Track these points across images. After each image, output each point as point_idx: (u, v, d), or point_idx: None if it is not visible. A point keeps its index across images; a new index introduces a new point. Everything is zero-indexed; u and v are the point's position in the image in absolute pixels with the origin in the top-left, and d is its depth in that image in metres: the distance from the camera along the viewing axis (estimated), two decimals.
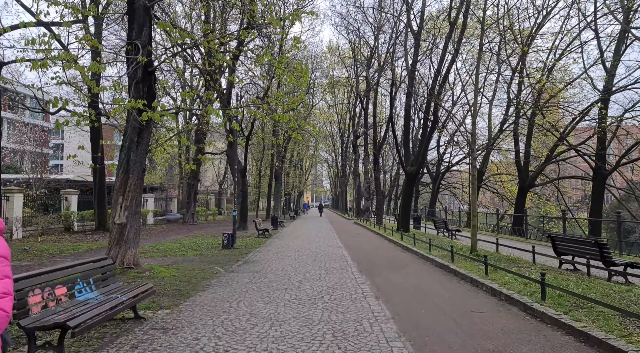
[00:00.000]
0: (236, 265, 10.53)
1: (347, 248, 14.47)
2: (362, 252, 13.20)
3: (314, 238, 18.48)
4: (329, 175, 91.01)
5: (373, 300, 6.65)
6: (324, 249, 13.99)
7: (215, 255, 12.63)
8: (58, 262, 10.70)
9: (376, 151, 26.24)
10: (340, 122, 53.32)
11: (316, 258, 11.75)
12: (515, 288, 6.73)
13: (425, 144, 17.43)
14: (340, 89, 53.67)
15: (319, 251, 13.25)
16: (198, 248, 14.20)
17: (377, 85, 25.75)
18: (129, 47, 8.43)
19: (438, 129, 21.58)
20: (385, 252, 13.25)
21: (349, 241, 16.91)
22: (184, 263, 10.83)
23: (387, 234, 18.44)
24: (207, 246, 14.93)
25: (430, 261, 10.67)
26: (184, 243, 15.92)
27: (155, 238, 18.99)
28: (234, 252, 13.25)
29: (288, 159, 48.01)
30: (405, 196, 18.56)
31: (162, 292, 7.15)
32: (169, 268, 9.51)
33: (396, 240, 15.84)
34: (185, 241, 16.94)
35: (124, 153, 8.96)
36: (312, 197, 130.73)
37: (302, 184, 62.54)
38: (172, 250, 13.80)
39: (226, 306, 6.29)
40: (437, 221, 18.11)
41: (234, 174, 23.84)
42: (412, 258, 11.76)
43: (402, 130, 20.85)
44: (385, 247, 14.76)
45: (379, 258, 11.82)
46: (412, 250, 12.77)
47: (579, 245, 8.76)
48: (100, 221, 22.34)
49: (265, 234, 19.02)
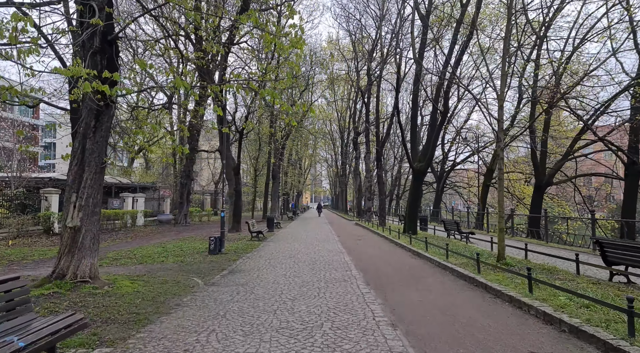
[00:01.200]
0: (219, 275, 8.88)
1: (350, 253, 12.83)
2: (368, 258, 11.55)
3: (312, 241, 16.83)
4: (328, 175, 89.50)
5: (389, 331, 5.00)
6: (324, 254, 12.34)
7: (199, 262, 10.98)
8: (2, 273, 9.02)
9: (379, 147, 24.57)
10: (339, 119, 51.69)
11: (314, 266, 10.10)
12: (578, 314, 5.08)
13: (435, 138, 15.78)
14: (339, 85, 52.09)
15: (318, 257, 11.60)
16: (181, 254, 12.55)
17: (379, 78, 24.09)
18: (80, 7, 6.77)
19: (445, 125, 19.92)
20: (393, 258, 11.60)
21: (352, 245, 15.27)
22: (159, 272, 9.17)
23: (393, 236, 16.80)
24: (192, 251, 13.29)
25: (449, 270, 9.02)
26: (168, 248, 14.26)
27: (139, 241, 17.33)
28: (220, 258, 11.60)
29: (286, 158, 46.40)
30: (412, 195, 16.92)
31: (113, 317, 5.49)
32: (136, 281, 7.85)
33: (404, 243, 14.20)
34: (170, 245, 15.28)
35: (77, 141, 7.30)
36: (312, 197, 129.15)
37: (301, 183, 60.87)
38: (151, 255, 12.14)
39: (191, 341, 4.64)
40: (447, 223, 16.49)
41: (227, 172, 22.21)
42: (426, 266, 10.10)
43: (409, 122, 19.14)
44: (392, 252, 13.11)
45: (387, 266, 10.17)
46: (425, 256, 11.13)
47: (636, 253, 7.12)
48: None
49: (259, 237, 17.38)
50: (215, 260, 11.23)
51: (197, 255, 12.46)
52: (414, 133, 17.63)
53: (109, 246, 15.30)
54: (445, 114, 15.50)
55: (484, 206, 23.70)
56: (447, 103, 15.42)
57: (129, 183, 33.67)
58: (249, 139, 41.26)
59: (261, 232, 17.19)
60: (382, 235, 18.61)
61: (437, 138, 16.09)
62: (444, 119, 15.63)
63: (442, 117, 15.37)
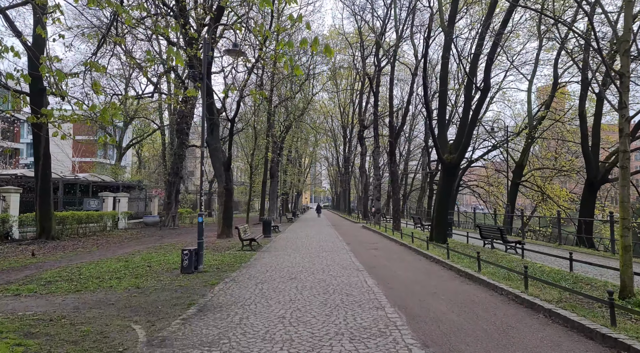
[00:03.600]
0: (180, 319, 5.65)
1: (371, 271, 9.62)
2: (400, 283, 8.32)
3: (317, 251, 13.62)
4: (328, 174, 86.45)
5: None
6: (336, 274, 9.13)
7: (162, 288, 7.76)
8: None
9: (392, 139, 21.23)
10: (342, 114, 48.48)
11: (327, 298, 6.89)
12: None
13: (471, 122, 12.55)
14: (342, 79, 48.92)
15: (330, 281, 8.39)
16: (143, 273, 9.33)
17: (394, 54, 20.74)
18: None
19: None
20: (436, 283, 8.37)
21: (368, 258, 12.05)
22: (90, 312, 5.97)
23: (418, 245, 13.58)
24: (162, 267, 10.09)
25: (544, 313, 5.66)
26: (133, 261, 11.06)
27: (105, 251, 14.11)
28: (194, 281, 8.39)
29: (285, 155, 43.21)
30: (441, 195, 13.65)
31: None
32: (28, 341, 4.63)
33: (439, 257, 10.98)
34: (138, 257, 12.07)
35: None
36: (311, 197, 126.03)
37: (301, 183, 57.65)
38: (101, 276, 8.93)
39: None
40: (484, 229, 13.30)
41: (215, 167, 19.01)
42: (496, 300, 6.80)
43: (437, 103, 15.87)
44: (428, 271, 9.88)
45: (436, 299, 6.93)
46: (481, 280, 7.90)
47: None
48: (43, 227, 17.44)
49: (253, 245, 14.16)
50: (185, 285, 8.01)
51: (165, 274, 9.25)
52: (442, 118, 14.35)
53: (59, 259, 12.08)
54: (485, 92, 12.29)
55: (513, 207, 20.51)
56: (489, 77, 12.21)
57: (111, 181, 30.41)
58: (246, 135, 38.06)
59: (254, 240, 13.97)
60: (401, 243, 15.39)
61: (474, 122, 12.84)
62: (484, 97, 12.41)
63: (482, 95, 12.17)
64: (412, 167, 50.29)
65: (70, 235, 19.77)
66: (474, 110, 12.51)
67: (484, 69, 12.16)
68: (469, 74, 12.24)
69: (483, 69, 13.77)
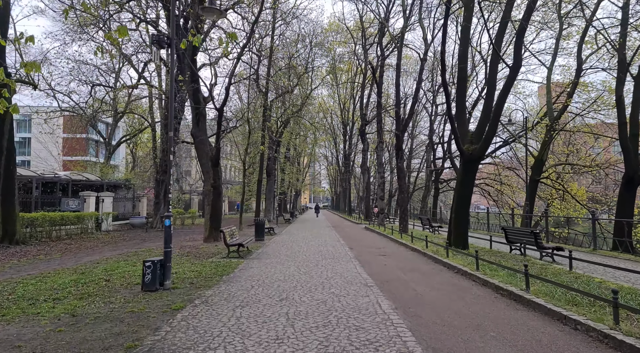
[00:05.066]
0: None
1: (384, 288, 7.61)
2: (428, 309, 6.29)
3: (316, 257, 11.61)
4: (328, 174, 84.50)
5: None
6: (340, 291, 7.12)
7: (107, 314, 5.75)
8: None
9: (399, 131, 19.18)
10: (342, 110, 46.46)
11: (328, 334, 4.88)
12: None
13: (498, 106, 10.47)
14: (342, 75, 46.92)
15: (332, 303, 6.37)
16: (95, 290, 7.33)
17: (402, 37, 18.66)
18: None
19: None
20: (480, 310, 6.33)
21: (378, 267, 10.04)
22: None
23: (434, 252, 11.56)
24: (123, 282, 8.10)
25: None
26: (92, 273, 9.06)
27: (69, 258, 12.09)
28: (154, 304, 6.37)
29: (283, 153, 41.19)
30: (461, 192, 11.56)
31: None
32: None
33: (462, 266, 8.98)
34: (100, 267, 10.04)
35: None
36: (310, 197, 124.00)
37: (300, 182, 55.60)
38: (38, 294, 6.96)
39: None
40: (510, 232, 11.28)
41: (202, 163, 17.00)
42: (578, 341, 4.74)
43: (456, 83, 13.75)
44: (459, 288, 7.86)
45: (491, 340, 4.89)
46: (538, 304, 5.88)
47: None
48: (5, 230, 15.40)
49: (240, 251, 12.14)
50: (139, 311, 5.99)
51: (122, 291, 7.23)
52: (461, 101, 12.18)
53: (6, 270, 10.05)
54: (516, 71, 10.27)
55: (532, 206, 18.52)
56: (520, 52, 10.16)
57: (96, 180, 28.33)
58: (242, 132, 35.98)
59: (242, 245, 11.93)
60: (412, 248, 13.38)
61: (501, 105, 10.75)
62: (514, 76, 10.37)
63: (511, 73, 10.15)
64: (414, 165, 48.37)
65: (41, 239, 17.74)
66: (502, 90, 10.47)
67: (515, 43, 10.15)
68: (495, 45, 10.19)
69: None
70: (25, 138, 57.67)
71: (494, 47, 10.28)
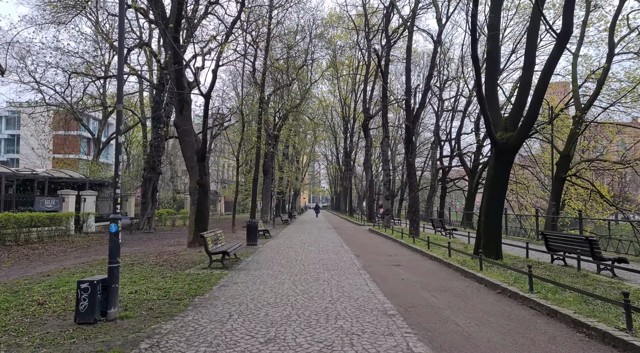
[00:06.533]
0: None
1: (411, 319, 5.58)
2: None
3: (316, 269, 9.56)
4: (327, 173, 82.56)
5: None
6: (351, 326, 5.08)
7: None
8: None
9: (409, 122, 17.06)
10: (343, 106, 44.46)
11: None
12: None
13: (542, 80, 8.37)
14: (343, 69, 44.92)
15: (341, 348, 4.32)
16: (16, 322, 5.28)
17: (413, 16, 16.51)
18: None
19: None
20: None
21: (396, 285, 7.99)
22: None
23: (461, 262, 9.50)
24: (61, 306, 6.09)
25: None
26: (31, 291, 7.04)
27: (20, 267, 10.02)
28: (82, 350, 4.31)
29: (281, 150, 39.16)
30: (493, 190, 9.34)
31: None
32: None
33: (507, 285, 6.94)
34: (46, 283, 8.00)
35: None
36: (310, 197, 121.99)
37: (299, 181, 53.54)
38: None
39: None
40: (553, 239, 9.27)
41: (186, 157, 14.95)
42: None
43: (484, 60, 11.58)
44: (515, 319, 5.82)
45: None
46: None
47: None
48: None
49: (225, 261, 10.06)
50: None
51: (48, 323, 5.20)
52: (492, 78, 9.98)
53: None
54: (565, 38, 8.17)
55: (558, 207, 16.52)
56: (571, 16, 8.12)
57: (80, 178, 26.23)
58: (236, 129, 33.94)
59: (227, 253, 9.87)
60: (430, 256, 11.34)
61: (546, 81, 8.61)
62: (563, 45, 8.25)
63: (559, 42, 8.03)
64: (417, 164, 46.42)
65: (5, 243, 15.70)
66: (548, 62, 8.41)
67: (564, 6, 8.11)
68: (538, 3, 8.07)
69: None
70: (13, 135, 55.50)
71: (536, 3, 8.12)
